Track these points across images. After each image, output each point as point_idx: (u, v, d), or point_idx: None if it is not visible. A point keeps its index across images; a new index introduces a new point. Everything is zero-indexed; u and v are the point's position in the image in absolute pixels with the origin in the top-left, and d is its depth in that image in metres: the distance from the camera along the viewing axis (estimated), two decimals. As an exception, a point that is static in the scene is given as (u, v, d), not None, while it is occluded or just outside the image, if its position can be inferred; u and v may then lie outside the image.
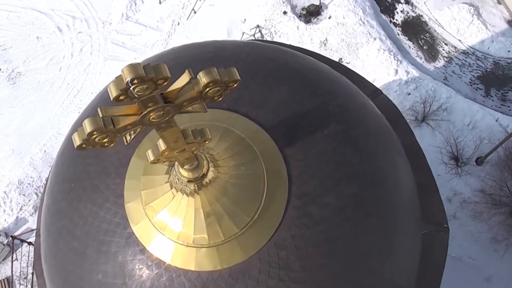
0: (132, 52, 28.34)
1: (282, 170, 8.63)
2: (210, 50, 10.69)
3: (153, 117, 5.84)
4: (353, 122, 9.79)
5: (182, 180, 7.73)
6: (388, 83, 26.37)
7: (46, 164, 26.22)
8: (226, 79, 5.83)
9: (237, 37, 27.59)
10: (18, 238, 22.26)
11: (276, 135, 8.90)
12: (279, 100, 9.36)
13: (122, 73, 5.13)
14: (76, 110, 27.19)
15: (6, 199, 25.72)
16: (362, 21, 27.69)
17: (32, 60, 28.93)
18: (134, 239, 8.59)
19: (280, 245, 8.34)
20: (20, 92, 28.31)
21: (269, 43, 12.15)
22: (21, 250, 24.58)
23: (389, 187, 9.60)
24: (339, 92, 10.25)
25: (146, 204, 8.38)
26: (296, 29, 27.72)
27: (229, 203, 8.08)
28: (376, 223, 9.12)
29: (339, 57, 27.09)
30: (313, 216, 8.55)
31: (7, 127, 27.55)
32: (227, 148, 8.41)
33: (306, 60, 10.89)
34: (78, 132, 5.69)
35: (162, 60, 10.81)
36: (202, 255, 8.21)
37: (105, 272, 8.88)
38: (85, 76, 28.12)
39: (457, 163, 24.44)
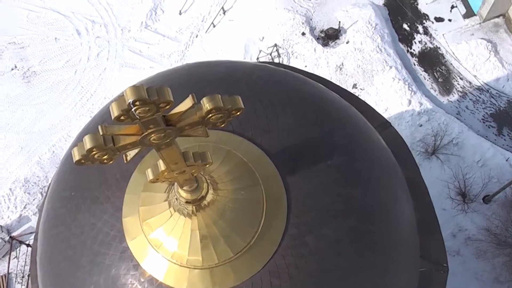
0: (148, 61, 28.44)
1: (282, 197, 8.60)
2: (221, 70, 10.70)
3: (154, 138, 5.83)
4: (358, 154, 9.75)
5: (180, 200, 7.72)
6: (401, 113, 26.28)
7: (54, 164, 26.29)
8: (230, 107, 5.79)
9: (254, 55, 27.63)
10: (16, 239, 22.30)
11: (279, 161, 8.87)
12: (285, 126, 9.34)
13: (125, 94, 5.11)
14: (88, 114, 27.28)
15: (11, 196, 25.82)
16: (380, 48, 27.66)
17: (48, 60, 29.09)
18: (128, 254, 8.58)
19: (274, 272, 8.30)
20: (33, 91, 28.47)
21: (282, 67, 12.10)
22: (20, 249, 24.64)
23: (389, 223, 9.54)
24: (347, 123, 10.23)
25: (143, 220, 8.38)
26: (313, 51, 27.73)
27: (226, 227, 8.06)
28: (372, 258, 9.06)
29: (353, 83, 27.07)
30: (309, 246, 8.52)
31: (17, 125, 27.68)
32: (228, 172, 8.39)
33: (316, 88, 10.87)
34: (78, 147, 5.69)
35: (175, 75, 10.93)
36: (195, 276, 8.19)
37: (97, 284, 8.87)
38: (100, 81, 28.24)
39: (464, 199, 24.29)
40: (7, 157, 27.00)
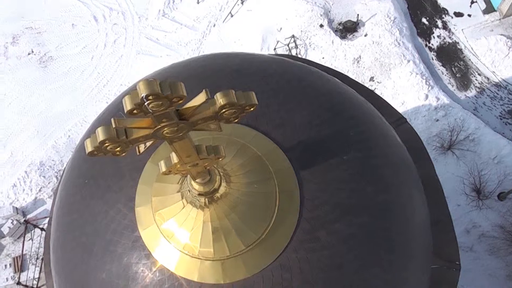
0: (165, 48, 28.45)
1: (295, 192, 8.59)
2: (237, 62, 10.68)
3: (167, 131, 5.82)
4: (373, 151, 9.70)
5: (193, 192, 7.74)
6: (417, 107, 26.14)
7: (69, 149, 26.46)
8: (243, 103, 5.76)
9: (271, 45, 27.52)
10: (31, 223, 22.47)
11: (293, 156, 8.85)
12: (300, 121, 9.31)
13: (138, 88, 5.08)
14: (103, 100, 27.39)
15: (26, 179, 26.02)
16: (398, 42, 27.49)
17: (65, 46, 29.21)
18: (140, 243, 8.62)
19: (285, 266, 8.31)
20: (50, 76, 28.62)
21: (299, 60, 12.04)
22: (35, 231, 24.84)
23: (402, 221, 9.49)
24: (362, 119, 10.17)
25: (155, 211, 8.41)
26: (331, 43, 27.61)
27: (238, 220, 8.07)
28: (384, 255, 9.04)
29: (370, 76, 26.94)
30: (321, 241, 8.50)
31: (34, 109, 27.86)
32: (242, 165, 8.39)
33: (332, 83, 10.82)
34: (90, 139, 5.70)
35: (191, 66, 10.91)
36: (206, 267, 8.21)
37: (109, 272, 8.93)
38: (116, 68, 28.30)
39: (479, 196, 24.16)
40: (23, 140, 27.18)
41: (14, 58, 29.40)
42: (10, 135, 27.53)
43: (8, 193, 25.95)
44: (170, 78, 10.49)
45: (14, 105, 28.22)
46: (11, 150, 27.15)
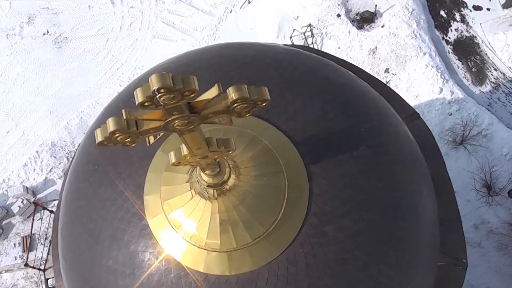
0: (181, 33, 28.38)
1: (304, 186, 8.56)
2: (251, 53, 10.61)
3: (178, 124, 5.80)
4: (384, 148, 9.63)
5: (202, 183, 7.73)
6: (431, 101, 25.96)
7: (81, 130, 26.53)
8: (255, 98, 5.72)
9: (288, 33, 27.40)
10: (40, 205, 22.57)
11: (303, 150, 8.81)
12: (312, 115, 9.26)
13: (150, 81, 5.06)
14: (117, 83, 27.42)
15: (37, 159, 26.13)
16: (415, 34, 27.27)
17: (81, 27, 29.22)
18: (148, 231, 8.64)
19: (291, 260, 8.30)
20: (64, 57, 28.65)
21: (314, 51, 11.95)
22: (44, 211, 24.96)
23: (410, 218, 9.44)
24: (374, 115, 10.09)
25: (164, 200, 8.42)
26: (347, 33, 27.44)
27: (246, 212, 8.06)
28: (390, 252, 9.00)
29: (386, 67, 26.77)
30: (328, 236, 8.48)
31: (47, 89, 27.92)
32: (252, 157, 8.36)
33: (346, 77, 10.74)
34: (101, 129, 5.68)
35: (205, 55, 10.85)
36: (212, 258, 8.23)
37: (116, 259, 8.96)
38: (131, 51, 28.28)
39: (489, 192, 24.01)
40: (35, 120, 27.29)
41: (29, 38, 29.45)
42: (22, 115, 27.64)
43: (19, 172, 26.10)
44: (184, 66, 10.48)
45: (27, 85, 28.29)
46: (23, 130, 27.26)
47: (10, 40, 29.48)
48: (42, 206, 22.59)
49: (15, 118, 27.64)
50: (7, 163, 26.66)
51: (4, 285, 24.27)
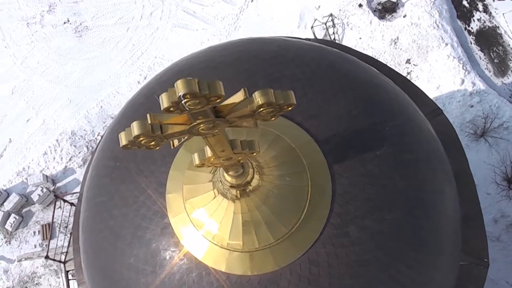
0: (202, 22, 28.26)
1: (327, 186, 8.50)
2: (273, 49, 10.51)
3: (202, 128, 5.77)
4: (407, 146, 9.53)
5: (225, 184, 7.70)
6: (452, 92, 25.69)
7: (101, 119, 26.60)
8: (282, 102, 5.66)
9: (309, 23, 27.18)
10: (60, 198, 22.68)
11: (326, 149, 8.75)
12: (335, 113, 9.18)
13: (176, 87, 5.02)
14: (137, 72, 27.41)
15: (57, 148, 26.24)
16: (437, 24, 26.94)
17: (101, 16, 29.19)
18: (170, 230, 8.64)
19: (313, 260, 8.27)
20: (84, 45, 28.68)
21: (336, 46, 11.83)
22: (62, 201, 25.15)
23: (433, 218, 9.35)
24: (398, 113, 9.98)
25: (186, 199, 8.41)
26: (368, 24, 27.18)
27: (269, 213, 8.02)
28: (412, 253, 8.93)
29: (407, 58, 26.49)
30: (350, 236, 8.44)
31: (67, 78, 27.99)
32: (275, 157, 8.31)
33: (369, 73, 10.62)
34: (125, 132, 5.69)
35: (227, 51, 10.78)
36: (234, 258, 8.21)
37: (137, 257, 8.98)
38: (151, 40, 28.24)
39: (509, 186, 23.75)
40: (55, 109, 27.39)
41: (50, 26, 29.50)
42: (42, 103, 27.73)
43: (38, 161, 26.22)
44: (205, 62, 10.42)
45: (47, 74, 28.37)
46: (43, 118, 27.36)
47: (30, 28, 29.57)
48: (62, 198, 22.68)
49: (35, 106, 27.75)
50: (27, 151, 26.80)
51: (24, 272, 24.49)
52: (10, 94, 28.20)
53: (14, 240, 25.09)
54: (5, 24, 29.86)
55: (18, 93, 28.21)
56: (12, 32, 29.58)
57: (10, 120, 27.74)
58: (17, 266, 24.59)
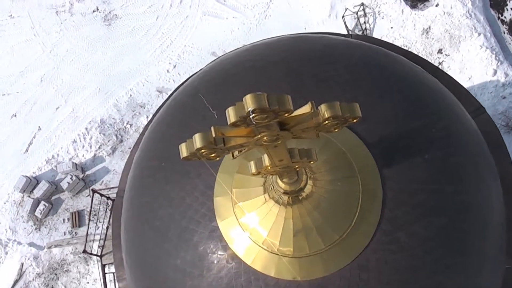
0: (232, 10, 28.07)
1: (378, 191, 8.38)
2: (319, 48, 10.37)
3: (265, 140, 5.70)
4: (455, 149, 9.35)
5: (277, 190, 7.61)
6: (484, 83, 25.34)
7: (130, 108, 26.65)
8: (348, 115, 5.56)
9: (340, 12, 26.94)
10: (98, 192, 22.76)
11: (375, 152, 8.62)
12: (383, 115, 9.03)
13: (244, 102, 4.96)
14: (166, 61, 27.36)
15: (87, 136, 26.36)
16: (470, 13, 26.52)
17: (131, 5, 29.12)
18: (218, 234, 8.57)
19: (363, 266, 8.20)
20: (114, 34, 28.66)
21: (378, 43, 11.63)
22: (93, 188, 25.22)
23: (479, 223, 9.19)
24: (445, 113, 9.80)
25: (235, 202, 8.33)
26: (400, 13, 26.84)
27: (320, 218, 7.94)
28: (459, 258, 8.80)
29: (439, 48, 26.16)
30: (400, 242, 8.35)
31: (96, 66, 28.02)
32: (326, 161, 8.20)
33: (415, 72, 10.43)
34: (186, 144, 5.72)
35: (272, 50, 10.64)
36: (284, 264, 8.14)
37: (184, 259, 8.93)
38: (181, 28, 28.12)
39: (543, 178, 23.41)
40: (84, 97, 27.46)
41: (79, 15, 29.48)
42: (72, 91, 27.81)
43: (68, 149, 26.34)
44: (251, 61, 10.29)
45: (76, 62, 28.40)
46: (73, 106, 27.45)
47: (59, 17, 29.59)
48: (99, 193, 22.77)
49: (64, 94, 27.84)
50: (56, 139, 26.93)
51: (54, 259, 24.72)
52: (39, 82, 28.29)
53: (44, 227, 25.33)
54: (34, 13, 29.88)
55: (47, 81, 28.30)
56: (42, 20, 29.61)
57: (40, 108, 27.85)
58: (46, 253, 24.82)
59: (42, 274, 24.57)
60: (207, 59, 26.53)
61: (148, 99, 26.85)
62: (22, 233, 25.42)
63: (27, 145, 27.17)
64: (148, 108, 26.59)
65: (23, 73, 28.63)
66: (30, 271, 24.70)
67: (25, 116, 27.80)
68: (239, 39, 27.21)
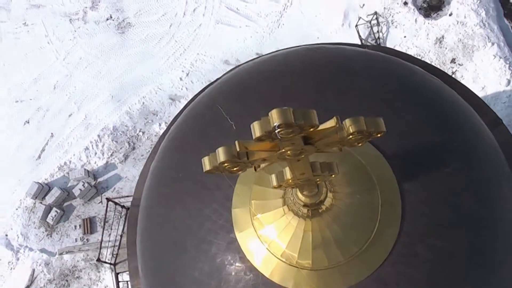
0: (245, 19, 28.10)
1: (397, 204, 8.34)
2: (339, 60, 10.33)
3: (289, 154, 5.68)
4: (476, 162, 9.30)
5: (297, 202, 7.58)
6: (498, 93, 25.25)
7: (142, 116, 26.69)
8: (372, 130, 5.55)
9: (353, 21, 26.93)
10: (112, 201, 22.78)
11: (395, 165, 8.57)
12: (404, 128, 8.97)
13: (270, 117, 4.95)
14: (179, 68, 27.41)
15: (99, 143, 26.42)
16: (483, 23, 26.43)
17: (144, 13, 29.19)
18: (236, 245, 8.54)
19: (382, 280, 8.16)
20: (127, 42, 28.73)
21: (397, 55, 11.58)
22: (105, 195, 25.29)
23: (501, 237, 9.12)
24: (465, 127, 9.77)
25: (254, 214, 8.30)
26: (413, 22, 26.78)
27: (339, 231, 7.89)
28: (481, 274, 8.75)
29: (452, 57, 26.08)
30: (419, 256, 8.31)
31: (109, 74, 28.09)
32: (345, 173, 8.15)
33: (433, 84, 10.40)
34: (209, 157, 5.72)
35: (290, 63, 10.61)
36: (302, 276, 8.10)
37: (201, 271, 8.90)
38: (194, 37, 28.17)
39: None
40: (97, 105, 27.52)
41: (92, 23, 29.57)
42: (85, 98, 27.87)
43: (80, 156, 26.40)
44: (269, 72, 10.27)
45: (90, 69, 28.47)
46: (85, 113, 27.51)
47: (73, 24, 29.70)
48: (114, 201, 22.79)
49: (77, 101, 27.90)
50: (68, 146, 27.00)
51: (65, 265, 24.76)
52: (53, 89, 28.40)
53: (55, 234, 25.38)
54: (48, 20, 30.01)
55: (60, 88, 28.40)
56: (55, 28, 29.73)
57: (52, 115, 27.93)
58: (58, 259, 24.86)
59: (53, 280, 24.60)
60: (220, 67, 26.64)
61: (161, 106, 26.88)
62: (34, 239, 25.47)
63: (39, 151, 27.23)
64: (160, 116, 26.64)
65: (36, 80, 28.72)
66: (41, 277, 24.75)
67: (38, 123, 27.87)
68: (252, 48, 27.29)
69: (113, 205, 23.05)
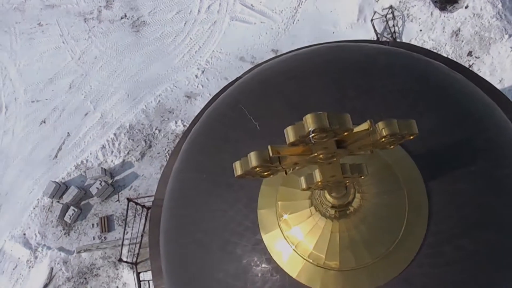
0: (260, 15, 28.04)
1: (424, 204, 8.28)
2: (361, 58, 10.24)
3: (321, 157, 5.65)
4: (501, 160, 9.19)
5: (325, 204, 7.54)
6: (515, 86, 25.09)
7: (158, 114, 26.72)
8: (405, 133, 5.51)
9: (368, 16, 26.87)
10: (133, 201, 22.83)
11: (422, 165, 8.50)
12: (428, 127, 8.83)
13: (305, 121, 4.95)
14: (195, 66, 27.40)
15: (115, 141, 26.47)
16: (500, 15, 26.20)
17: (159, 11, 29.19)
18: (262, 247, 8.50)
19: (408, 280, 8.11)
20: (142, 40, 28.75)
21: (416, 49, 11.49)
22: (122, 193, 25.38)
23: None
24: (490, 125, 9.66)
25: (280, 216, 8.26)
26: (429, 15, 26.60)
27: (367, 232, 7.86)
28: (507, 274, 8.64)
29: (469, 50, 25.89)
30: (446, 256, 8.23)
31: (125, 72, 28.12)
32: (372, 174, 8.02)
33: (457, 81, 10.29)
34: (241, 162, 5.71)
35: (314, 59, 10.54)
36: (330, 277, 8.07)
37: (227, 272, 8.88)
38: (209, 34, 28.14)
39: None
40: (113, 103, 27.57)
41: (107, 22, 29.62)
42: (100, 97, 27.93)
43: (97, 154, 26.49)
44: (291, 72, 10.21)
45: (105, 68, 28.54)
46: (101, 112, 27.57)
47: (88, 24, 29.76)
48: (135, 201, 22.84)
49: (93, 100, 27.97)
50: (85, 145, 27.08)
51: (83, 264, 24.87)
52: (68, 89, 28.47)
53: (73, 232, 25.49)
54: (63, 20, 30.09)
55: (76, 87, 28.47)
56: (70, 28, 29.81)
57: (68, 114, 28.01)
58: (76, 258, 24.96)
59: (72, 278, 24.73)
60: (235, 64, 26.59)
61: (177, 104, 26.89)
62: (52, 238, 25.60)
63: (56, 151, 27.32)
64: (176, 114, 26.66)
65: (52, 80, 28.81)
66: (59, 275, 24.87)
67: (54, 123, 27.96)
68: (267, 44, 27.24)
69: (132, 204, 23.09)
